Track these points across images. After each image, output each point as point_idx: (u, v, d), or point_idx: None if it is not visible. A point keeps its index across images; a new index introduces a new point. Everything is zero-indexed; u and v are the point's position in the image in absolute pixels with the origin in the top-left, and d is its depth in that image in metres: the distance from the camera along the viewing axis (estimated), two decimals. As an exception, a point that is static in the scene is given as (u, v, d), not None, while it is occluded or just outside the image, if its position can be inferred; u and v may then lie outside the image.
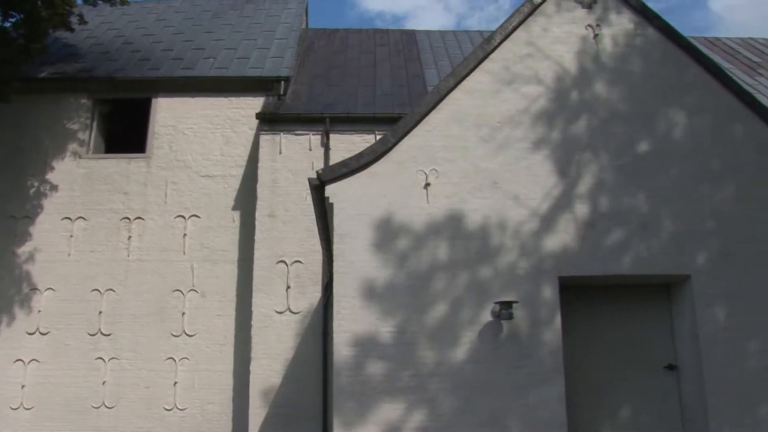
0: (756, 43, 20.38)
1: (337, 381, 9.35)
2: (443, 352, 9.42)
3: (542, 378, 9.44)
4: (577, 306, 10.13)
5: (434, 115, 10.26)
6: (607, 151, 10.34)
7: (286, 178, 14.85)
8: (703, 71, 11.01)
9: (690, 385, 10.05)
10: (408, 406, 9.25)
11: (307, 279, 14.43)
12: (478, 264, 9.72)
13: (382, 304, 9.51)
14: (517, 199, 9.99)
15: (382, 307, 9.51)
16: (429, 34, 20.20)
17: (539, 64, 10.69)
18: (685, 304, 10.21)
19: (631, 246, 10.01)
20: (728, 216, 10.30)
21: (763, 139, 10.75)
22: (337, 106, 15.64)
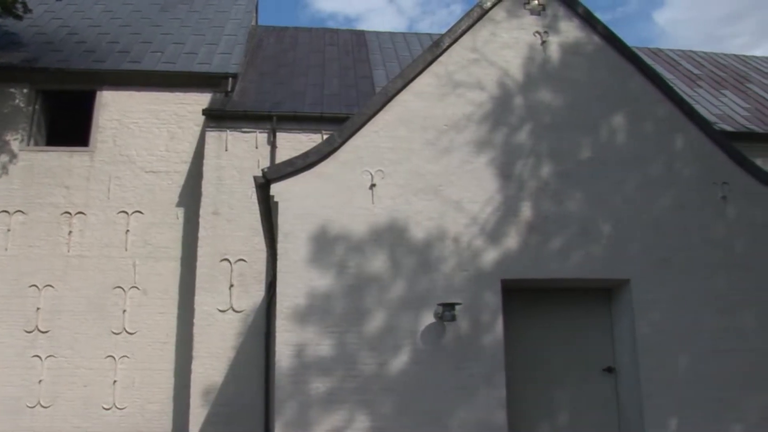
0: (696, 55, 20.90)
1: (278, 380, 9.29)
2: (385, 352, 9.44)
3: (483, 379, 9.53)
4: (519, 309, 10.25)
5: (381, 116, 10.28)
6: (551, 157, 10.49)
7: (231, 175, 14.71)
8: (646, 81, 11.26)
9: (627, 388, 10.26)
10: (350, 406, 9.25)
11: (251, 278, 14.33)
12: (421, 265, 9.76)
13: (326, 304, 9.49)
14: (461, 202, 10.07)
15: (325, 306, 9.48)
16: (378, 35, 20.22)
17: (487, 69, 10.78)
18: (624, 308, 10.42)
19: (573, 251, 10.17)
20: (667, 223, 10.55)
21: (701, 148, 11.03)
22: (284, 104, 15.56)
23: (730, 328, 10.30)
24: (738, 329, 10.32)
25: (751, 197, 10.99)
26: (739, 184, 11.00)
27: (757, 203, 10.99)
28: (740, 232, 10.77)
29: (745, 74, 19.79)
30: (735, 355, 10.19)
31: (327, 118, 15.00)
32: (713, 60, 20.69)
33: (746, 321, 10.39)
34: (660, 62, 19.62)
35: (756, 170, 11.20)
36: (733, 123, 16.27)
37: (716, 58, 20.91)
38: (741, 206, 10.90)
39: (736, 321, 10.35)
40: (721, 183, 10.92)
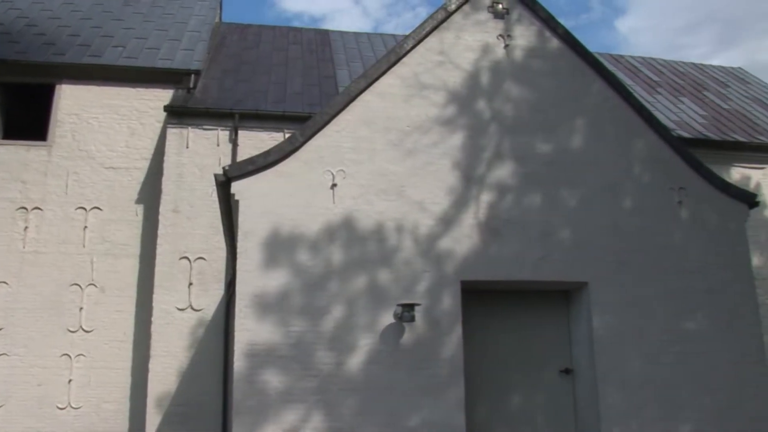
0: (656, 63, 21.23)
1: (237, 380, 9.22)
2: (344, 353, 9.43)
3: (442, 380, 9.57)
4: (478, 310, 10.32)
5: (344, 116, 10.27)
6: (513, 159, 10.58)
7: (192, 173, 14.59)
8: (606, 86, 11.43)
9: (584, 389, 10.39)
10: (308, 407, 9.21)
11: (211, 276, 14.21)
12: (382, 266, 9.77)
13: (285, 303, 9.44)
14: (422, 204, 10.10)
15: (284, 306, 9.44)
16: (343, 35, 20.19)
17: (450, 71, 10.84)
18: (582, 310, 10.55)
19: (532, 253, 10.28)
20: (624, 226, 10.71)
21: (659, 154, 11.23)
22: (246, 102, 15.46)
23: (683, 330, 10.50)
24: (691, 332, 10.52)
25: (706, 202, 11.21)
26: (695, 189, 11.22)
27: (712, 208, 11.22)
28: (695, 237, 10.98)
29: (702, 83, 20.15)
30: (688, 356, 10.40)
31: (289, 117, 14.95)
32: (672, 68, 21.04)
33: (699, 324, 10.60)
34: (621, 68, 19.89)
35: (711, 176, 11.43)
36: (690, 130, 16.55)
37: (675, 66, 21.26)
38: (696, 211, 11.11)
39: (690, 323, 10.56)
40: (677, 188, 11.12)
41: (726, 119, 17.65)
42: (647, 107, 12.34)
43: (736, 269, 11.11)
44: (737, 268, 11.13)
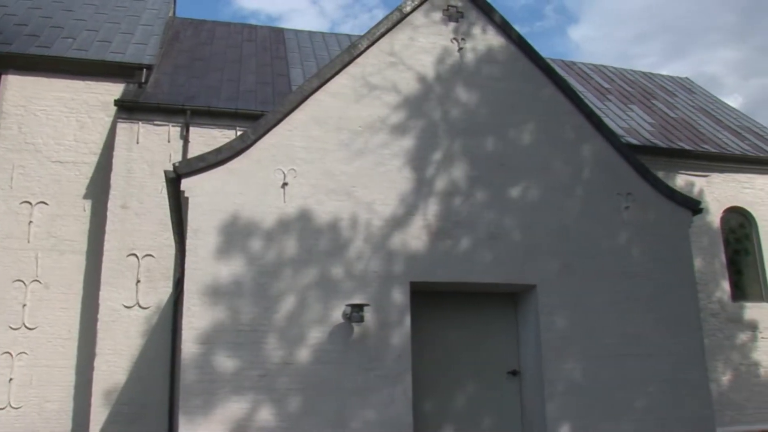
0: (607, 70, 21.60)
1: (183, 378, 9.11)
2: (293, 352, 9.39)
3: (390, 380, 9.59)
4: (427, 311, 10.37)
5: (296, 115, 10.23)
6: (463, 161, 10.66)
7: (141, 169, 14.38)
8: (558, 91, 11.58)
9: (530, 390, 10.51)
10: (255, 405, 9.14)
11: (159, 273, 14.03)
12: (331, 266, 9.76)
13: (233, 302, 9.37)
14: (373, 204, 10.12)
15: (232, 304, 9.36)
16: (297, 34, 20.11)
17: (403, 73, 10.88)
18: (529, 312, 10.67)
19: (481, 254, 10.36)
20: (572, 230, 10.88)
21: (607, 159, 11.42)
22: (199, 98, 15.30)
23: (628, 333, 10.70)
24: (635, 334, 10.73)
25: (652, 208, 11.45)
26: (642, 195, 11.44)
27: (657, 214, 11.46)
28: (640, 241, 11.20)
29: (651, 91, 20.56)
30: (632, 359, 10.59)
31: (242, 115, 14.85)
32: (622, 76, 21.42)
33: (643, 326, 10.81)
34: (572, 74, 20.18)
35: (657, 183, 11.67)
36: (638, 137, 16.87)
37: (625, 74, 21.66)
38: (642, 216, 11.33)
39: (634, 326, 10.76)
40: (625, 194, 11.32)
41: (673, 127, 18.04)
42: (597, 113, 12.55)
43: (679, 273, 11.36)
44: (680, 273, 11.39)
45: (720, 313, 15.84)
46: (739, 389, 15.48)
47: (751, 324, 16.00)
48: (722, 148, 17.44)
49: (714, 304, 15.84)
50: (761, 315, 16.15)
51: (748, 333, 15.93)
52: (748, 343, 15.83)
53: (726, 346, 15.64)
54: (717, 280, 16.06)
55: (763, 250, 16.76)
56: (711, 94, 21.82)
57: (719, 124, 19.14)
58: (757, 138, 18.66)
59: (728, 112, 20.44)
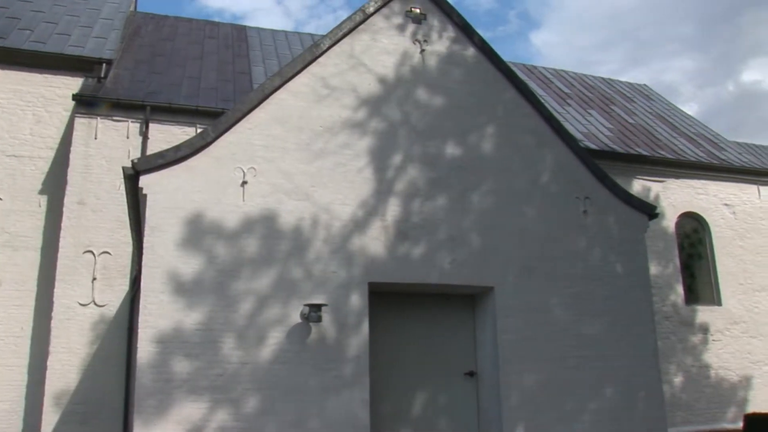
0: (567, 75, 21.84)
1: (139, 378, 9.01)
2: (250, 351, 9.35)
3: (348, 381, 9.59)
4: (385, 312, 10.40)
5: (257, 113, 10.18)
6: (423, 163, 10.71)
7: (99, 164, 14.17)
8: (518, 95, 11.70)
9: (487, 391, 10.60)
10: (212, 406, 9.08)
11: (115, 271, 13.84)
12: (289, 265, 9.73)
13: (191, 301, 9.29)
14: (332, 204, 10.11)
15: (190, 303, 9.28)
16: (260, 32, 20.00)
17: (364, 74, 10.89)
18: (487, 314, 10.75)
19: (440, 257, 10.42)
20: (531, 233, 10.99)
21: (566, 164, 11.57)
22: (159, 95, 15.14)
23: (583, 335, 10.85)
24: (591, 337, 10.88)
25: (610, 212, 11.62)
26: (599, 199, 11.61)
27: (615, 218, 11.63)
28: (598, 245, 11.37)
29: (610, 97, 20.84)
30: (586, 360, 10.75)
31: (202, 112, 14.72)
32: (583, 81, 21.68)
33: (598, 329, 10.98)
34: (534, 79, 20.38)
35: (615, 187, 11.84)
36: (597, 141, 17.10)
37: (585, 80, 21.93)
38: (600, 220, 11.50)
39: (590, 329, 10.92)
40: (583, 198, 11.48)
41: (631, 133, 18.32)
42: (557, 118, 12.69)
43: (635, 277, 11.56)
44: (636, 276, 11.58)
45: (673, 316, 16.13)
46: (691, 390, 15.78)
47: (702, 327, 16.32)
48: (678, 154, 17.76)
49: (668, 307, 16.11)
50: (712, 318, 16.49)
51: (700, 335, 16.24)
52: (700, 346, 16.14)
53: (678, 348, 15.93)
54: (671, 283, 16.35)
55: (715, 255, 17.11)
56: (668, 101, 22.21)
57: (676, 130, 19.48)
58: (711, 145, 19.03)
59: (685, 119, 20.82)
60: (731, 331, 16.59)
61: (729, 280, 17.01)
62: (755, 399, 16.17)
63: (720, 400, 15.99)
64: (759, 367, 16.52)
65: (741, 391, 16.16)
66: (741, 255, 17.31)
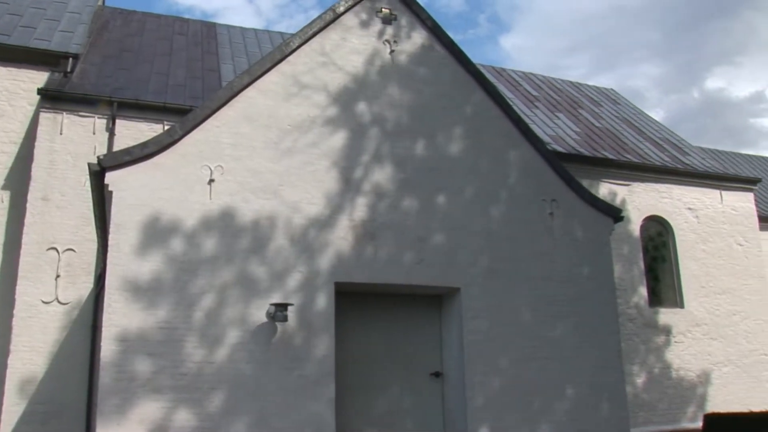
0: (536, 78, 22.00)
1: (102, 377, 8.90)
2: (215, 351, 9.29)
3: (313, 381, 9.58)
4: (351, 312, 10.40)
5: (225, 111, 10.12)
6: (391, 164, 10.73)
7: (65, 160, 13.98)
8: (487, 97, 11.77)
9: (453, 391, 10.64)
10: (175, 405, 9.01)
11: (80, 268, 13.66)
12: (256, 264, 9.69)
13: (155, 300, 9.21)
14: (300, 204, 10.09)
15: (154, 302, 9.20)
16: (229, 29, 19.87)
17: (334, 73, 10.88)
18: (453, 315, 10.80)
19: (407, 257, 10.45)
20: (497, 234, 11.06)
21: (533, 166, 11.66)
22: (126, 90, 14.98)
23: (548, 337, 10.95)
24: (555, 338, 10.99)
25: (575, 215, 11.73)
26: (566, 202, 11.72)
27: (580, 221, 11.75)
28: (563, 247, 11.47)
29: (578, 100, 21.04)
30: (551, 362, 10.85)
31: (170, 109, 14.58)
32: (551, 84, 21.86)
33: (563, 331, 11.09)
34: (502, 81, 20.50)
35: (581, 190, 11.96)
36: (564, 145, 17.25)
37: (554, 83, 22.11)
38: (566, 223, 11.61)
39: (555, 330, 11.02)
40: (549, 200, 11.58)
41: (597, 137, 18.51)
42: (525, 120, 12.79)
43: (599, 279, 11.68)
44: (601, 279, 11.71)
45: (637, 318, 16.33)
46: (653, 390, 16.00)
47: (665, 328, 16.55)
48: (644, 158, 17.98)
49: (632, 309, 16.31)
50: (675, 320, 16.73)
51: (663, 337, 16.47)
52: (662, 347, 16.37)
53: (641, 349, 16.14)
54: (635, 286, 16.55)
55: (679, 258, 17.35)
56: (635, 106, 22.48)
57: (642, 135, 19.72)
58: (676, 150, 19.30)
59: (650, 124, 21.09)
60: (693, 333, 16.85)
61: (691, 283, 17.27)
62: (714, 399, 16.45)
63: (681, 400, 16.23)
64: (719, 368, 16.80)
65: (701, 392, 16.42)
66: (703, 258, 17.57)
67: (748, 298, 17.75)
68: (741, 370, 17.01)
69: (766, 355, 17.46)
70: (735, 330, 17.28)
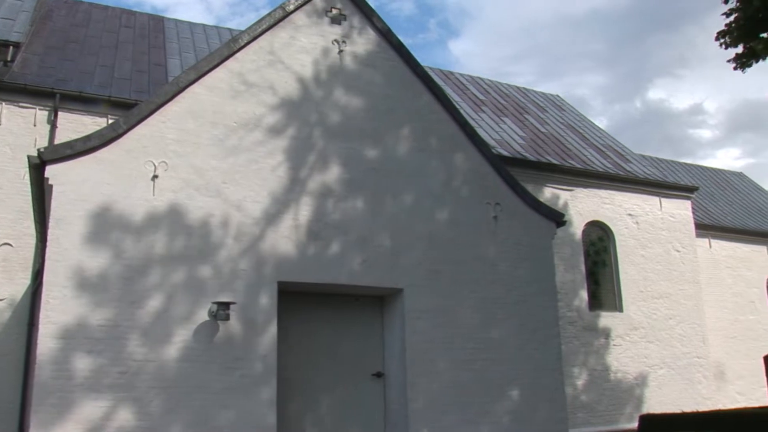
0: (483, 82, 22.19)
1: (38, 376, 8.74)
2: (156, 349, 9.19)
3: (255, 380, 9.54)
4: (294, 311, 10.37)
5: (171, 106, 10.01)
6: (337, 164, 10.74)
7: (3, 152, 13.60)
8: (434, 100, 11.86)
9: (394, 392, 10.70)
10: (114, 404, 8.88)
11: (17, 264, 13.31)
12: (198, 262, 9.61)
13: (96, 296, 9.07)
14: (244, 202, 10.03)
15: (95, 299, 9.06)
16: (177, 24, 19.58)
17: (282, 71, 10.85)
18: (396, 316, 10.86)
19: (350, 257, 10.47)
20: (441, 236, 11.16)
21: (478, 169, 11.79)
22: (70, 82, 14.66)
23: (490, 339, 11.09)
24: (497, 340, 11.13)
25: (519, 219, 11.90)
26: (509, 205, 11.87)
27: (523, 225, 11.92)
28: (506, 250, 11.63)
29: (524, 105, 21.29)
30: (492, 363, 11.00)
31: (115, 103, 14.31)
32: (498, 89, 22.08)
33: (505, 332, 11.24)
34: (450, 84, 20.63)
35: (525, 194, 12.14)
36: (509, 149, 17.45)
37: (500, 87, 22.33)
38: (509, 226, 11.76)
39: (496, 333, 11.17)
40: (494, 203, 11.73)
41: (542, 142, 18.76)
42: (471, 124, 12.90)
43: (541, 283, 11.87)
44: (542, 282, 11.90)
45: (577, 321, 16.61)
46: (592, 392, 16.29)
47: (604, 331, 16.86)
48: (587, 164, 18.29)
49: (572, 312, 16.58)
50: (614, 323, 17.06)
51: (602, 340, 16.78)
52: (601, 350, 16.68)
53: (581, 352, 16.42)
54: (576, 289, 16.83)
55: (619, 263, 17.69)
56: (579, 113, 22.84)
57: (585, 141, 20.05)
58: (618, 157, 19.68)
59: (594, 130, 21.46)
60: (631, 336, 17.20)
61: (630, 287, 17.62)
62: (650, 400, 16.82)
63: (618, 401, 16.56)
64: (654, 371, 17.19)
65: (638, 393, 16.79)
66: (642, 264, 17.95)
67: (683, 302, 18.21)
68: (675, 373, 17.44)
69: (699, 358, 17.94)
70: (670, 333, 17.71)
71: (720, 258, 21.59)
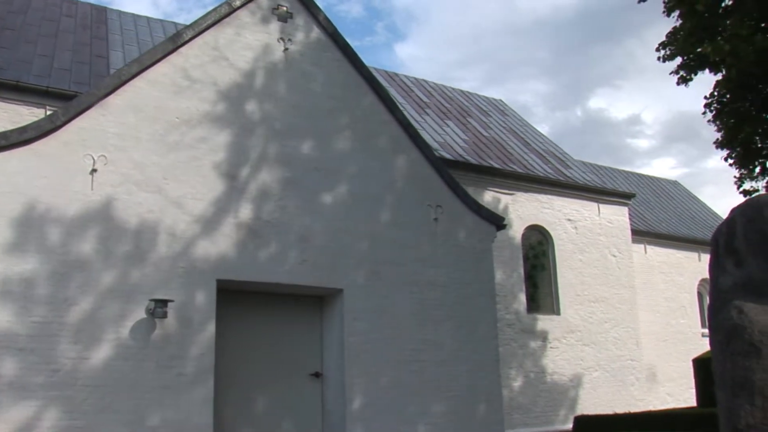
0: (427, 84, 22.32)
1: (-37, 375, 8.48)
2: (91, 346, 9.02)
3: (191, 379, 9.45)
4: (233, 310, 10.29)
5: (112, 99, 9.83)
6: (279, 163, 10.70)
7: (-67, 142, 13.16)
8: (378, 101, 11.90)
9: (332, 392, 10.71)
10: (45, 404, 8.67)
11: (-55, 257, 12.88)
12: (136, 258, 9.47)
13: (27, 292, 8.84)
14: (184, 198, 9.92)
15: (26, 294, 8.83)
16: (121, 15, 19.20)
17: (226, 68, 10.75)
18: (335, 316, 10.87)
19: (290, 257, 10.45)
20: (382, 237, 11.21)
21: (420, 171, 11.88)
22: (6, 71, 14.21)
23: (428, 340, 11.18)
24: (435, 341, 11.23)
25: (460, 221, 12.03)
26: (451, 208, 11.99)
27: (464, 227, 12.06)
28: (446, 252, 11.74)
29: (467, 109, 21.49)
30: (432, 364, 11.09)
31: (53, 94, 13.92)
32: (442, 92, 22.23)
33: (443, 334, 11.35)
34: (394, 86, 20.68)
35: (466, 197, 12.28)
36: (452, 152, 17.59)
37: (445, 90, 22.49)
38: (450, 228, 11.87)
39: (435, 334, 11.27)
40: (435, 206, 11.83)
41: (485, 145, 18.97)
42: (414, 126, 12.98)
43: (480, 284, 12.02)
44: (482, 284, 12.05)
45: (516, 323, 16.83)
46: (528, 393, 16.53)
47: (542, 334, 17.14)
48: (528, 169, 18.55)
49: (511, 315, 16.79)
50: (551, 326, 17.34)
51: (539, 342, 17.04)
52: (538, 352, 16.94)
53: (519, 354, 16.65)
54: (515, 292, 17.06)
55: (557, 267, 17.99)
56: (522, 118, 23.15)
57: (527, 146, 20.35)
58: (559, 163, 20.02)
59: (536, 136, 21.79)
60: (567, 339, 17.52)
61: (568, 290, 17.94)
62: (584, 402, 17.15)
63: (554, 403, 16.85)
64: (590, 373, 17.54)
65: (573, 395, 17.10)
66: (580, 268, 18.29)
67: (619, 306, 18.62)
68: (609, 375, 17.83)
69: (632, 361, 18.38)
70: (605, 337, 18.09)
71: (654, 263, 22.18)
